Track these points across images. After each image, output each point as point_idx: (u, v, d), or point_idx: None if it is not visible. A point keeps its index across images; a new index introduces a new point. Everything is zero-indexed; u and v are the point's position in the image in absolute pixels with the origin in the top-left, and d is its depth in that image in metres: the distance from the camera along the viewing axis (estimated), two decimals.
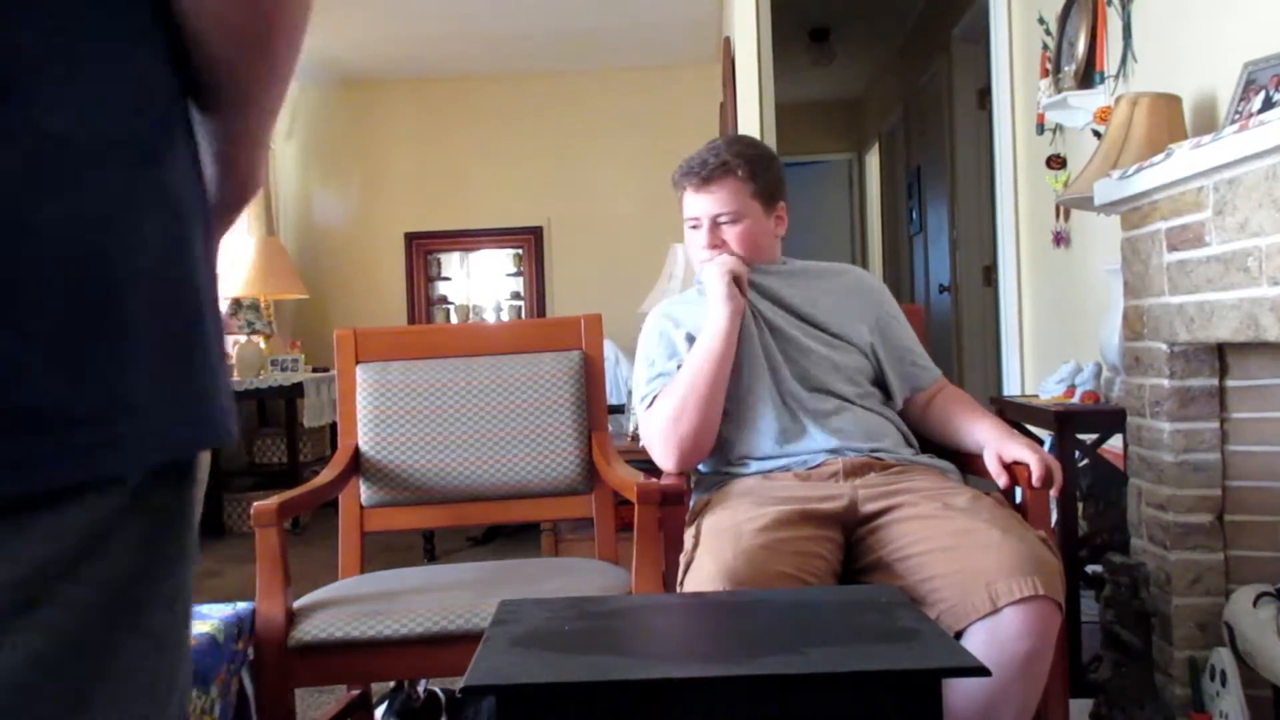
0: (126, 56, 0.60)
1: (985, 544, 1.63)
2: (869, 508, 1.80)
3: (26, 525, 0.55)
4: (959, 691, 1.53)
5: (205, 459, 0.81)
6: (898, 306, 2.09)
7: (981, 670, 1.14)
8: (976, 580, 1.59)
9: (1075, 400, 2.50)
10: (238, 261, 5.47)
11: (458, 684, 1.38)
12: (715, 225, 1.96)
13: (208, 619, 1.69)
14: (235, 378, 5.25)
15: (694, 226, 1.99)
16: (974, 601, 1.59)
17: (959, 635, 1.58)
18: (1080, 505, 2.42)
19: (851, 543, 1.80)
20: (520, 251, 6.45)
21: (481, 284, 6.59)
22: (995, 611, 1.57)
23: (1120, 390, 2.28)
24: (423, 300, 6.48)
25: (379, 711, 2.18)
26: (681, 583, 1.70)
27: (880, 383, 2.01)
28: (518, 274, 6.49)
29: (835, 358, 1.96)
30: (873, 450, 1.90)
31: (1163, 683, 1.99)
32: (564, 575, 2.07)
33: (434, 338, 2.45)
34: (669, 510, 1.84)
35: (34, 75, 0.55)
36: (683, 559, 1.74)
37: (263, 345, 5.38)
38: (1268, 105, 1.89)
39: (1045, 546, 1.67)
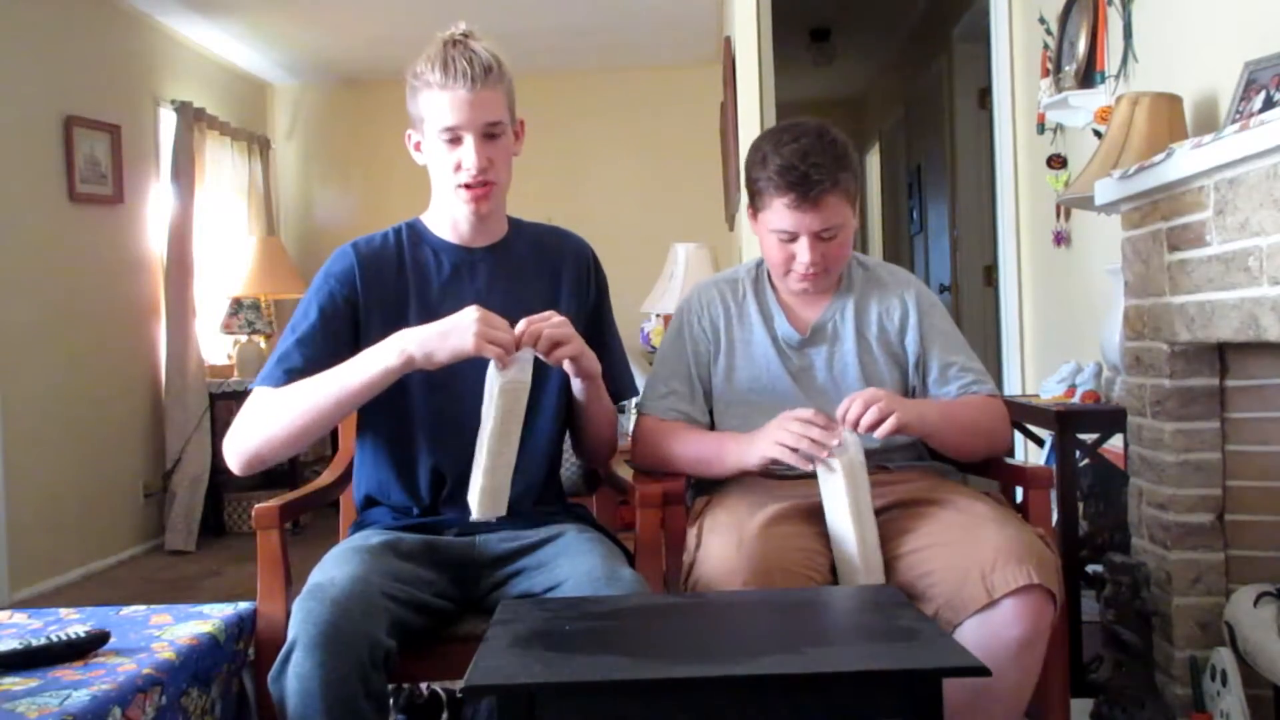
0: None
1: (980, 537, 1.64)
2: None
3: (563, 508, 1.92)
4: (949, 682, 1.54)
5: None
6: (947, 318, 2.01)
7: (982, 670, 1.14)
8: (972, 573, 1.60)
9: (1076, 400, 2.50)
10: (238, 261, 5.48)
11: (458, 684, 1.38)
12: (818, 240, 1.86)
13: (208, 619, 1.69)
14: (235, 377, 5.25)
15: (786, 239, 1.87)
16: (971, 594, 1.59)
17: (956, 629, 1.59)
18: (1080, 505, 2.41)
19: None
20: None
21: None
22: (992, 604, 1.57)
23: (1121, 390, 2.28)
24: None
25: None
26: (686, 582, 1.71)
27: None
28: None
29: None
30: (877, 463, 1.90)
31: (1163, 682, 1.99)
32: None
33: None
34: (669, 511, 1.84)
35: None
36: (686, 558, 1.74)
37: (263, 345, 5.38)
38: (1268, 105, 1.88)
39: (1041, 541, 1.67)
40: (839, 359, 1.95)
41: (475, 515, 1.68)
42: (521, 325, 1.64)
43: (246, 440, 1.70)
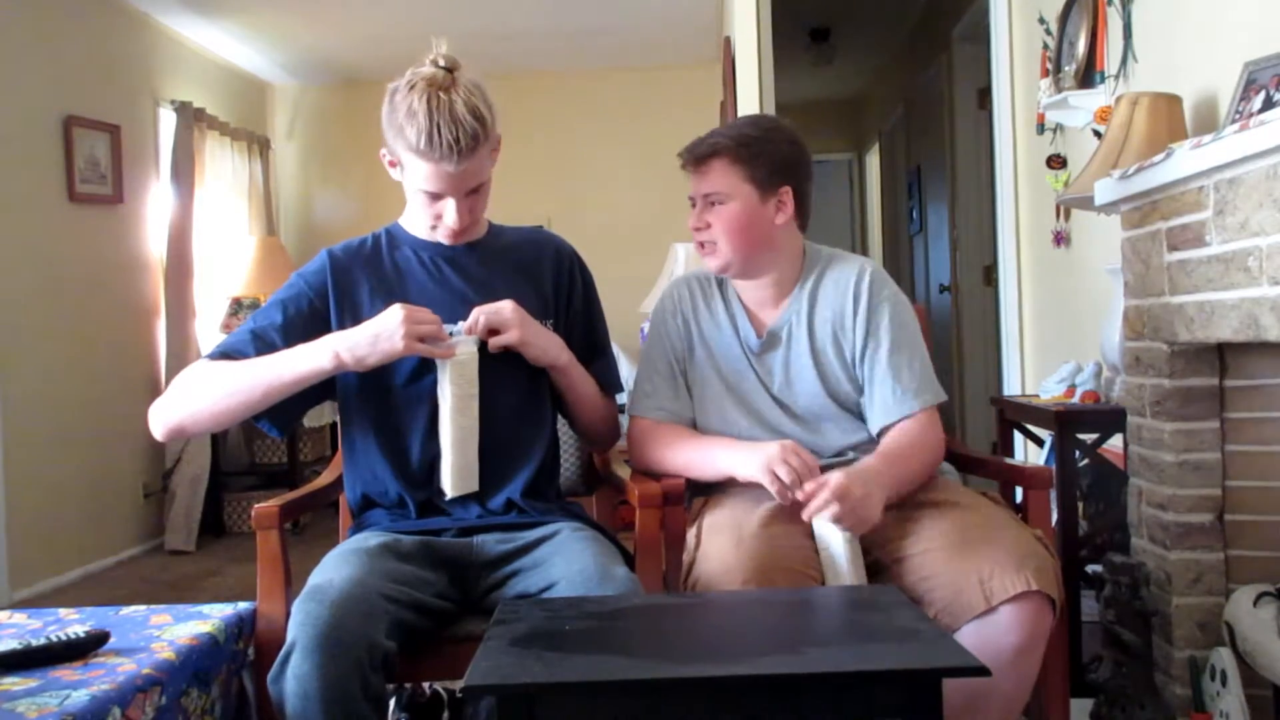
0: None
1: (979, 542, 1.64)
2: None
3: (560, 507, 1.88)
4: (946, 684, 1.54)
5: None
6: (897, 308, 1.93)
7: (982, 670, 1.14)
8: (970, 578, 1.60)
9: (1075, 400, 2.50)
10: (238, 261, 5.48)
11: (459, 684, 1.38)
12: (705, 206, 1.91)
13: (208, 619, 1.69)
14: None
15: (692, 205, 1.95)
16: (969, 600, 1.59)
17: (954, 634, 1.59)
18: (1080, 505, 2.41)
19: None
20: None
21: None
22: (990, 610, 1.57)
23: (1120, 390, 2.28)
24: None
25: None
26: (685, 582, 1.71)
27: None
28: None
29: (839, 394, 1.92)
30: None
31: (1163, 682, 1.99)
32: None
33: None
34: (669, 510, 1.84)
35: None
36: (686, 558, 1.74)
37: None
38: (1268, 105, 1.88)
39: (1040, 544, 1.67)
40: (794, 363, 1.94)
41: (450, 493, 1.76)
42: (472, 314, 1.75)
43: (172, 411, 1.75)
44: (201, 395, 1.73)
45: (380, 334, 1.66)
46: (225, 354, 1.75)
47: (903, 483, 1.80)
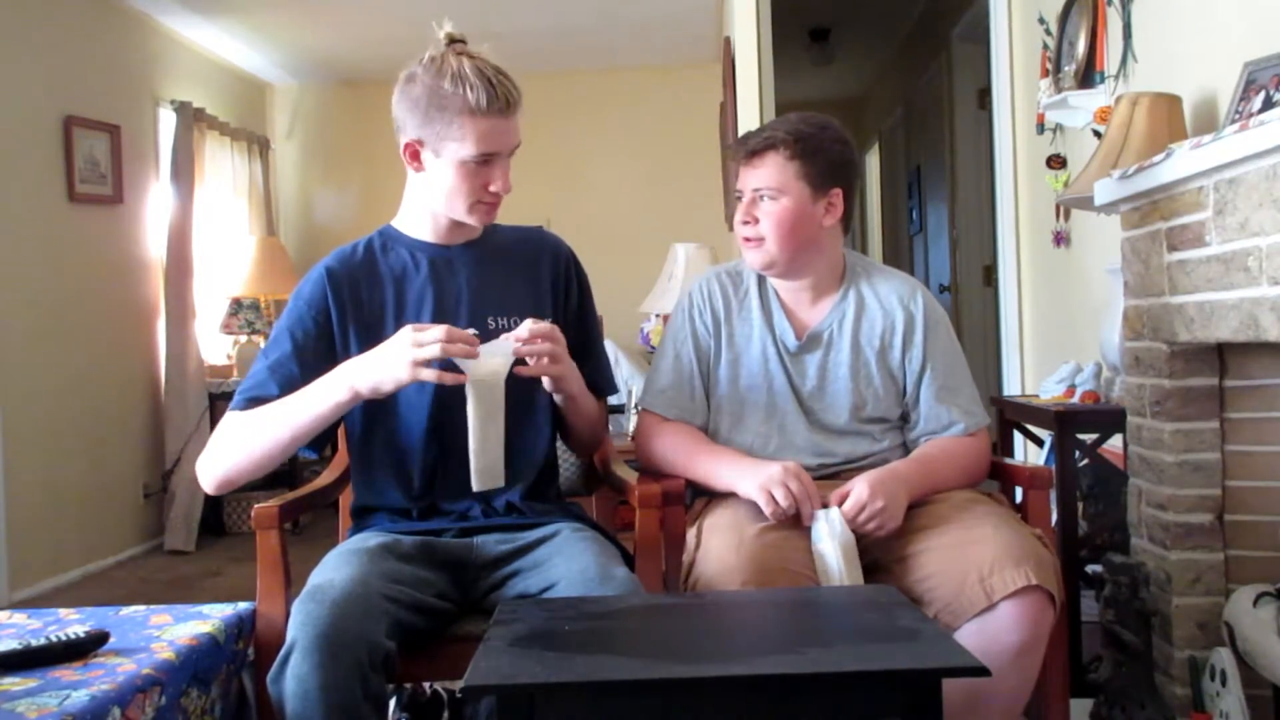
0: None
1: (978, 540, 1.64)
2: None
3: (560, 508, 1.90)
4: (946, 683, 1.54)
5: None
6: (951, 334, 1.97)
7: (982, 670, 1.14)
8: (970, 576, 1.60)
9: (1075, 400, 2.50)
10: (238, 261, 5.47)
11: (459, 684, 1.38)
12: (755, 200, 1.88)
13: (208, 619, 1.69)
14: (235, 377, 5.25)
15: (739, 199, 1.91)
16: (969, 597, 1.59)
17: (955, 633, 1.59)
18: (1080, 505, 2.41)
19: None
20: None
21: None
22: (991, 607, 1.57)
23: (1120, 390, 2.28)
24: None
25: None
26: (685, 582, 1.71)
27: (906, 414, 1.95)
28: None
29: (870, 405, 1.91)
30: (873, 464, 1.90)
31: (1163, 683, 1.99)
32: None
33: None
34: (669, 511, 1.84)
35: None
36: (686, 558, 1.74)
37: (262, 345, 5.37)
38: (1268, 105, 1.88)
39: (1040, 543, 1.67)
40: (832, 367, 1.93)
41: (476, 488, 1.70)
42: (528, 328, 1.69)
43: (216, 466, 1.75)
44: (237, 449, 1.74)
45: (385, 364, 1.62)
46: (250, 399, 1.75)
47: (931, 489, 1.82)
